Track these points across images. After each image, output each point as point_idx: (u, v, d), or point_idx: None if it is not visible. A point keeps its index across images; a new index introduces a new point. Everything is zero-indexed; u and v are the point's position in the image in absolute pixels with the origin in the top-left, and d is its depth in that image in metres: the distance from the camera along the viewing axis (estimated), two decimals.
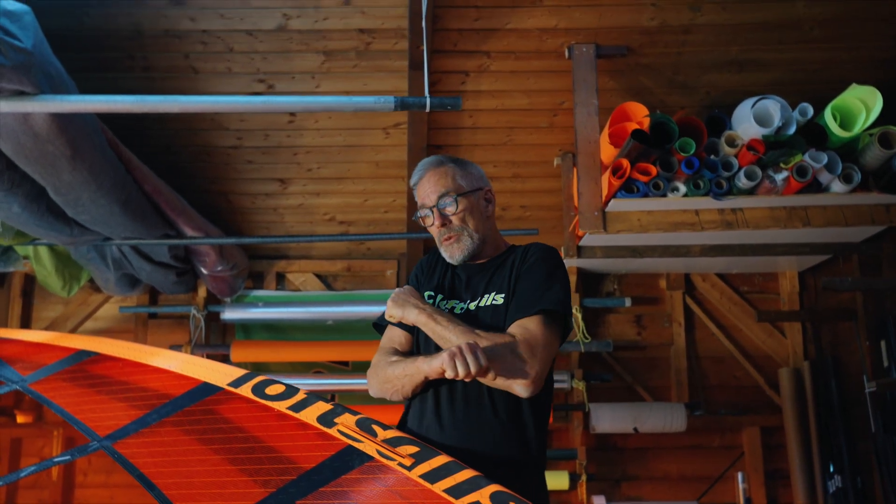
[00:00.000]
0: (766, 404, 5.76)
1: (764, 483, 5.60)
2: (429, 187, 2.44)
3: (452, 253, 2.44)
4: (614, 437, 5.70)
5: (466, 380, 2.08)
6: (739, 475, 5.26)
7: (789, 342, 5.78)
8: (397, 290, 2.37)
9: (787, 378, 5.52)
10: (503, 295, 2.34)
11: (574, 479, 5.44)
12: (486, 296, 2.37)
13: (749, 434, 5.67)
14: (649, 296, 5.97)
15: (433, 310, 2.27)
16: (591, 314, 5.85)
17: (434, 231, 2.46)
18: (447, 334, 2.20)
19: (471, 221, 2.43)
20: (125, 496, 5.65)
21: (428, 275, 2.57)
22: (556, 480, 5.37)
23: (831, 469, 5.24)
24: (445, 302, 2.43)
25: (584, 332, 5.59)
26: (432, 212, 2.43)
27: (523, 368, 2.14)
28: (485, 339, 2.15)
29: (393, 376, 2.31)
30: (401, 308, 2.31)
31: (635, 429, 5.43)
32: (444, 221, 2.42)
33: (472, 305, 2.37)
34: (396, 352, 2.41)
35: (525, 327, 2.21)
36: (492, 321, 2.30)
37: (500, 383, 2.15)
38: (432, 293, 2.48)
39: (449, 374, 2.07)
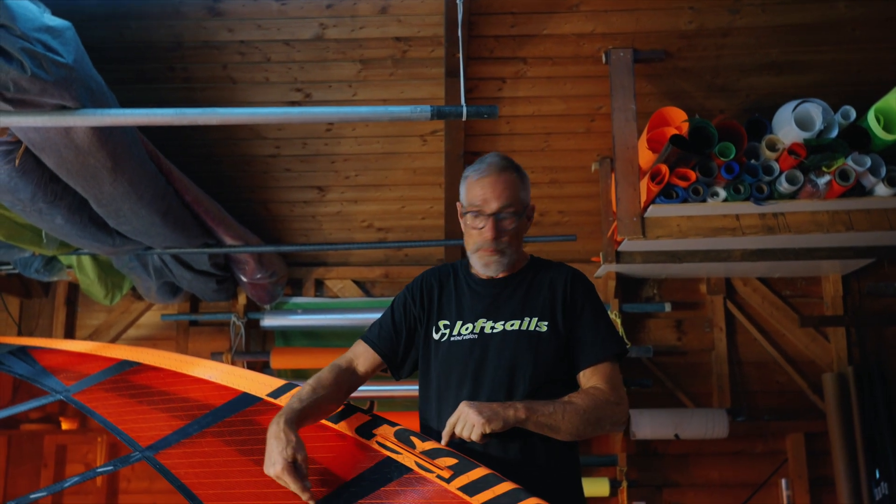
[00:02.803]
0: (809, 410, 5.68)
1: (808, 490, 5.50)
2: (491, 192, 2.32)
3: (489, 264, 2.36)
4: (655, 443, 5.65)
5: None
6: (783, 482, 5.22)
7: (833, 347, 5.70)
8: (467, 408, 2.12)
9: (832, 383, 5.44)
10: (546, 323, 2.32)
11: (615, 486, 5.40)
12: (528, 319, 2.33)
13: (793, 440, 5.59)
14: (690, 300, 5.92)
15: (525, 406, 2.15)
16: (631, 319, 5.81)
17: (475, 236, 2.36)
18: (551, 420, 2.16)
19: (515, 241, 2.38)
20: (168, 502, 5.70)
21: (433, 295, 2.50)
22: (597, 487, 5.34)
23: (877, 475, 5.15)
24: (472, 325, 2.36)
25: (625, 337, 5.54)
26: (487, 219, 2.33)
27: (619, 413, 2.26)
28: (582, 404, 2.20)
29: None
30: (500, 420, 2.10)
31: (676, 435, 5.37)
32: (498, 234, 2.33)
33: (510, 326, 2.33)
34: (345, 371, 2.41)
35: (604, 373, 2.30)
36: (536, 346, 2.29)
37: (606, 431, 2.31)
38: (447, 321, 2.41)
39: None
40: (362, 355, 2.47)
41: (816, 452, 5.57)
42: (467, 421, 2.09)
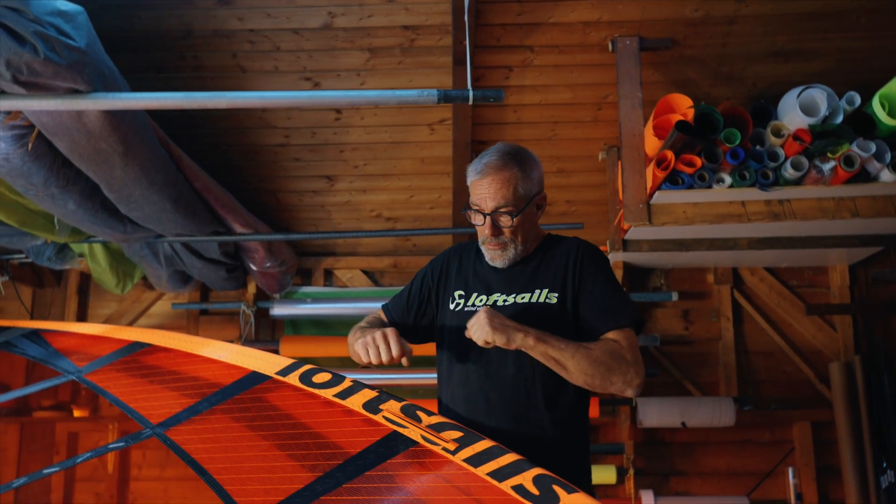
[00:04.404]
0: (816, 399, 5.69)
1: (815, 478, 5.52)
2: (487, 192, 2.35)
3: (494, 258, 2.43)
4: (662, 431, 5.67)
5: (383, 362, 2.27)
6: (790, 470, 5.23)
7: (840, 336, 5.70)
8: (484, 313, 2.20)
9: (838, 372, 5.45)
10: (556, 294, 2.34)
11: (622, 474, 5.42)
12: (538, 291, 2.36)
13: (800, 429, 5.60)
14: (697, 290, 5.92)
15: (536, 333, 2.19)
16: (638, 309, 5.80)
17: (479, 231, 2.43)
18: (560, 356, 2.18)
19: (521, 234, 2.40)
20: (178, 489, 5.76)
21: (452, 269, 2.57)
22: (604, 474, 5.36)
23: (884, 464, 5.16)
24: (486, 297, 2.41)
25: None
26: (485, 218, 2.37)
27: (632, 374, 2.23)
28: (597, 350, 2.21)
29: (350, 344, 2.46)
30: (503, 334, 2.16)
31: (683, 423, 5.39)
32: (496, 232, 2.37)
33: (520, 299, 2.37)
34: (374, 323, 2.58)
35: (624, 336, 2.30)
36: (546, 318, 2.31)
37: (617, 388, 2.23)
38: (463, 292, 2.47)
39: (364, 361, 2.29)
40: (381, 318, 2.65)
41: (823, 441, 5.58)
42: (478, 324, 2.18)
